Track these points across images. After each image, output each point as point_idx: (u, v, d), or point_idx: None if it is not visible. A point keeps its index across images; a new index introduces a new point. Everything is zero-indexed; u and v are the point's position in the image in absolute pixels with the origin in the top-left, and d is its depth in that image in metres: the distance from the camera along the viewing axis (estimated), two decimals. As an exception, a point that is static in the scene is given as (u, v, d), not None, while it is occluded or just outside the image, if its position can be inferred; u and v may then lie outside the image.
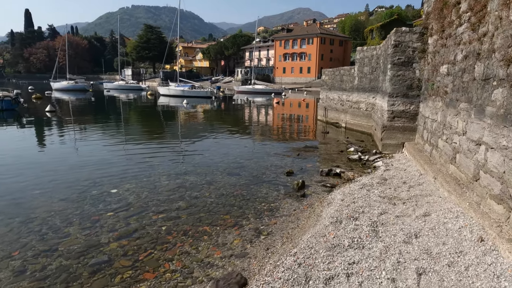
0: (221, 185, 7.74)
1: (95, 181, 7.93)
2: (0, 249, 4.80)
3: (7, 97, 23.31)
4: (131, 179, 8.18)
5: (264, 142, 13.73)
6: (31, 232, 5.32)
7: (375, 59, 14.22)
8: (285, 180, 8.16)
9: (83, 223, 5.67)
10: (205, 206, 6.48)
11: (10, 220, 5.72)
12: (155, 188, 7.50)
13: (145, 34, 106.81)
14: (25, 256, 4.64)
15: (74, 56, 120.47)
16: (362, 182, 7.43)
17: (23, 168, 9.08)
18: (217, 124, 20.55)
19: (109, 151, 11.48)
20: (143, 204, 6.56)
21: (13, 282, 4.09)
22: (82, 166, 9.26)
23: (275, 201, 6.73)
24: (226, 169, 9.11)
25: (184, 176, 8.43)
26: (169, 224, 5.66)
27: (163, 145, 12.74)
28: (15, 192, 7.14)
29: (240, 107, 34.21)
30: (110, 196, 6.97)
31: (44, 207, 6.31)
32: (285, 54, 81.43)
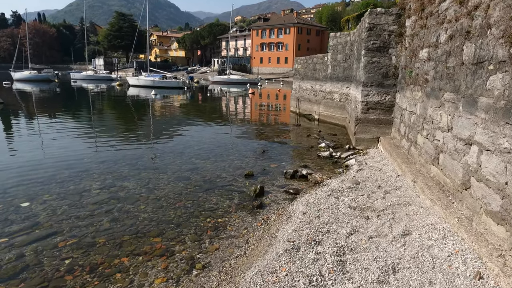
0: (163, 194, 6.41)
1: (5, 191, 6.42)
2: None
3: None
4: (54, 186, 6.71)
5: (228, 137, 12.43)
6: None
7: (349, 46, 13.12)
8: (242, 185, 6.93)
9: (-39, 255, 4.24)
10: (134, 224, 5.15)
11: None
12: (79, 200, 6.09)
13: (116, 22, 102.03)
14: None
15: (41, 44, 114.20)
16: (331, 187, 6.28)
17: None
18: (183, 116, 19.03)
19: (43, 148, 9.88)
20: (54, 223, 5.15)
21: None
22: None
23: (224, 215, 5.48)
24: (175, 172, 7.77)
25: (122, 182, 7.03)
26: (77, 255, 4.30)
27: (108, 141, 11.21)
28: None
29: (213, 98, 32.63)
30: (17, 213, 5.51)
31: None
32: (262, 44, 79.76)
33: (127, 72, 70.34)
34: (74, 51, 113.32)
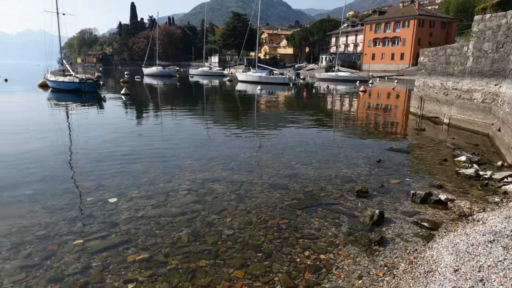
0: (254, 205, 5.33)
1: (101, 182, 6.24)
2: None
3: (89, 80, 24.24)
4: (145, 182, 6.30)
5: (335, 138, 10.82)
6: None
7: (505, 31, 10.04)
8: (352, 205, 5.38)
9: (36, 253, 3.87)
10: (214, 244, 4.17)
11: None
12: (164, 201, 5.45)
13: (232, 21, 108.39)
14: None
15: (168, 44, 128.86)
16: (490, 227, 4.25)
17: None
18: (287, 113, 18.03)
19: (150, 139, 9.96)
20: (131, 228, 4.54)
21: None
22: (103, 158, 7.77)
23: (328, 249, 4.07)
24: (272, 178, 6.65)
25: (212, 184, 6.23)
26: (142, 278, 3.49)
27: (209, 135, 10.80)
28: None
29: (319, 95, 30.98)
30: (102, 209, 5.13)
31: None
32: (375, 39, 73.85)
33: (237, 68, 73.68)
34: (195, 49, 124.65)
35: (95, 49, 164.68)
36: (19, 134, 10.63)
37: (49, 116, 15.21)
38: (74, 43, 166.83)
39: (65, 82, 24.51)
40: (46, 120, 13.96)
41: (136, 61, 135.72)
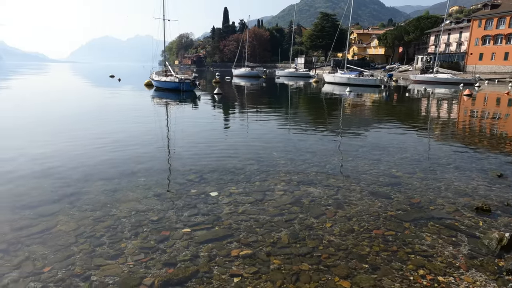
0: (354, 213, 5.04)
1: (203, 176, 6.62)
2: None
3: (187, 80, 26.29)
4: (242, 179, 6.48)
5: (441, 147, 9.74)
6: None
7: None
8: (472, 223, 4.71)
9: (151, 236, 4.24)
10: (316, 249, 4.03)
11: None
12: (262, 200, 5.52)
13: (320, 22, 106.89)
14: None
15: (257, 46, 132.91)
16: None
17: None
18: (380, 117, 16.96)
19: (242, 136, 10.30)
20: (233, 223, 4.68)
21: None
22: (202, 152, 8.25)
23: (447, 271, 3.60)
24: (371, 185, 6.25)
25: (307, 187, 6.11)
26: (247, 274, 3.54)
27: (298, 135, 10.67)
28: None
29: (415, 98, 28.53)
30: (205, 202, 5.41)
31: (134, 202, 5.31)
32: (484, 36, 65.06)
33: (324, 70, 72.33)
34: (281, 51, 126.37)
35: (190, 52, 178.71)
36: (128, 125, 12.00)
37: (152, 111, 16.90)
38: (173, 47, 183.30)
39: (166, 81, 27.02)
40: (151, 114, 15.53)
41: (226, 62, 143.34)
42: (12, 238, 4.19)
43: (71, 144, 9.13)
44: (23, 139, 9.73)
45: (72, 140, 9.62)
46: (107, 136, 10.20)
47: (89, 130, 11.36)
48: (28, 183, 6.08)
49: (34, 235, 4.28)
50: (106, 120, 13.61)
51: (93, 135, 10.39)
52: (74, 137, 10.07)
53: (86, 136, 10.26)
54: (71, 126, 12.19)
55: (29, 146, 8.83)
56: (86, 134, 10.61)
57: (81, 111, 16.65)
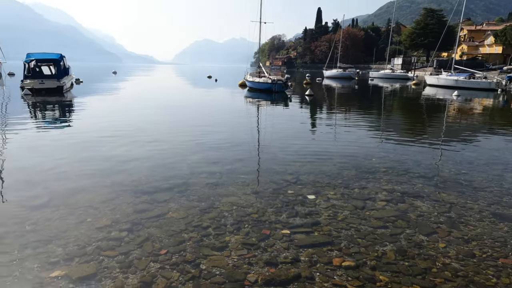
0: (473, 235, 4.41)
1: (298, 178, 6.59)
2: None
3: (279, 81, 26.69)
4: (340, 184, 6.25)
5: None
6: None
7: None
8: None
9: (253, 234, 4.37)
10: (427, 271, 3.63)
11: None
12: (362, 209, 5.24)
13: (423, 19, 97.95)
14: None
15: (350, 47, 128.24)
16: None
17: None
18: (497, 125, 14.70)
19: (335, 139, 9.97)
20: (333, 230, 4.52)
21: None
22: (295, 153, 8.22)
23: None
24: (492, 205, 5.41)
25: (413, 200, 5.59)
26: (353, 287, 3.36)
27: (397, 142, 9.85)
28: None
29: (542, 106, 24.07)
30: (303, 204, 5.37)
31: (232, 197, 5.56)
32: None
33: (425, 71, 66.08)
34: (376, 51, 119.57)
35: (281, 53, 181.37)
36: (224, 122, 12.67)
37: (246, 110, 17.57)
38: (265, 48, 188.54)
39: (260, 82, 27.84)
40: (244, 113, 16.16)
41: (316, 63, 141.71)
42: (134, 219, 4.75)
43: (175, 138, 10.03)
44: (137, 132, 11.04)
45: (176, 134, 10.57)
46: (207, 131, 10.94)
47: (190, 125, 12.34)
48: (144, 171, 6.85)
49: (152, 218, 4.78)
50: (206, 117, 14.64)
51: (193, 130, 11.25)
52: (178, 131, 11.05)
53: (188, 131, 11.17)
54: (176, 122, 13.42)
55: (142, 139, 9.98)
56: (187, 129, 11.55)
57: (184, 109, 18.23)
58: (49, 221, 4.61)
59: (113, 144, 9.11)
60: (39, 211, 4.91)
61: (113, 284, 3.36)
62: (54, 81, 22.83)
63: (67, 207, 5.07)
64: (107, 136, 10.09)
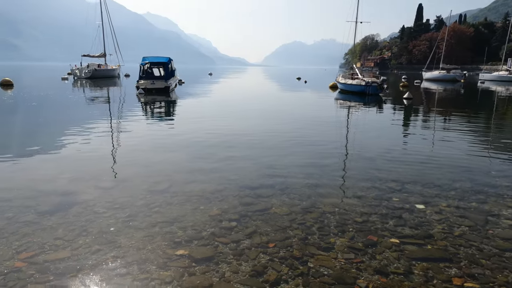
0: None
1: (404, 185, 6.19)
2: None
3: (374, 83, 25.42)
4: (452, 196, 5.68)
5: None
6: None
7: None
8: None
9: (358, 238, 4.27)
10: None
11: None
12: (484, 227, 4.67)
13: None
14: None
15: (454, 45, 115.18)
16: None
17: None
18: None
19: (445, 148, 9.06)
20: (449, 246, 4.14)
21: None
22: (395, 159, 7.71)
23: None
24: None
25: (550, 222, 4.78)
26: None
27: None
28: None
29: None
30: (411, 213, 5.04)
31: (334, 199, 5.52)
32: None
33: (554, 73, 55.56)
34: (489, 50, 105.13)
35: (374, 54, 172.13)
36: (315, 124, 12.56)
37: (337, 113, 17.15)
38: (356, 49, 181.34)
39: (352, 84, 26.91)
40: (338, 115, 15.80)
41: (413, 64, 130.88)
42: (241, 211, 5.06)
43: (269, 137, 10.33)
44: (234, 130, 11.68)
45: (270, 134, 10.89)
46: (299, 133, 11.01)
47: (283, 126, 12.58)
48: (246, 167, 7.23)
49: (257, 212, 5.03)
50: (297, 118, 14.74)
51: (286, 131, 11.43)
52: (272, 131, 11.36)
53: (281, 131, 11.41)
54: (269, 122, 13.81)
55: (239, 137, 10.52)
56: (280, 129, 11.79)
57: (276, 109, 18.66)
58: (170, 206, 5.21)
59: (214, 140, 9.82)
60: (161, 196, 5.57)
61: (229, 268, 3.63)
62: (162, 82, 25.59)
63: (184, 194, 5.65)
64: (208, 133, 10.91)
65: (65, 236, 4.25)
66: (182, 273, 3.54)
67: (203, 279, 3.44)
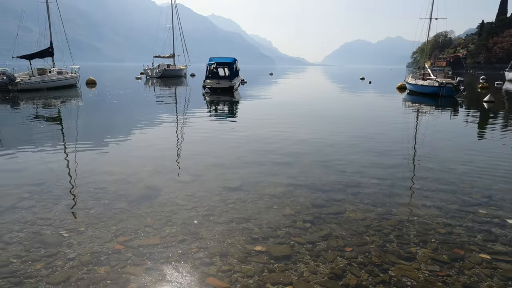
0: None
1: (491, 197, 5.69)
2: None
3: (449, 84, 23.56)
4: (553, 214, 5.09)
5: None
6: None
7: None
8: None
9: (443, 250, 4.04)
10: None
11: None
12: None
13: None
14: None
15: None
16: None
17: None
18: None
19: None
20: (553, 267, 3.72)
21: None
22: (484, 173, 7.07)
23: None
24: None
25: None
26: None
27: None
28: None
29: None
30: (502, 228, 4.62)
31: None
32: None
33: None
34: None
35: (447, 52, 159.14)
36: (381, 126, 11.99)
37: (410, 115, 16.19)
38: (426, 48, 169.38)
39: (423, 85, 25.23)
40: (408, 118, 14.93)
41: (493, 64, 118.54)
42: (314, 212, 5.07)
43: (335, 138, 10.14)
44: (297, 129, 11.66)
45: (335, 135, 10.68)
46: (367, 135, 10.64)
47: (347, 126, 12.24)
48: (314, 168, 7.21)
49: (330, 215, 5.01)
50: (361, 119, 14.24)
51: (352, 132, 11.11)
52: (337, 132, 11.12)
53: (347, 132, 11.12)
54: (333, 121, 13.54)
55: (304, 137, 10.49)
56: (346, 130, 11.48)
57: (340, 109, 18.23)
58: (244, 203, 5.41)
59: (280, 141, 9.92)
60: (235, 193, 5.81)
61: (307, 268, 3.69)
62: (227, 81, 26.46)
63: (256, 193, 5.83)
64: (273, 133, 11.05)
65: (153, 224, 4.65)
66: (262, 269, 3.67)
67: (282, 276, 3.54)
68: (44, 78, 26.60)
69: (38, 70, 27.54)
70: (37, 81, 25.88)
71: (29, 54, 27.82)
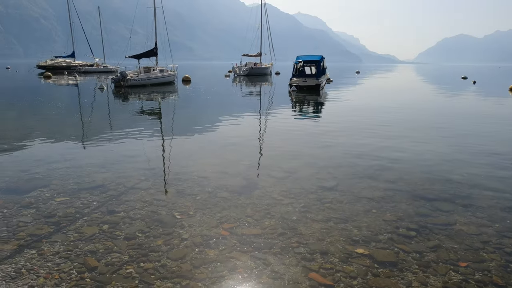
0: None
1: None
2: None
3: None
4: None
5: None
6: (499, 249, 4.03)
7: None
8: None
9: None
10: None
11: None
12: None
13: None
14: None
15: None
16: None
17: None
18: None
19: None
20: None
21: None
22: None
23: None
24: None
25: None
26: None
27: None
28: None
29: None
30: None
31: None
32: None
33: None
34: None
35: None
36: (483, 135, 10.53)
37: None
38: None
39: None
40: None
41: None
42: (419, 221, 4.75)
43: (438, 140, 9.27)
44: (388, 130, 10.97)
45: (437, 137, 9.76)
46: (473, 140, 9.49)
47: (452, 130, 11.07)
48: (415, 173, 6.73)
49: (438, 225, 4.63)
50: (468, 122, 12.76)
51: (454, 135, 10.02)
52: (439, 134, 10.15)
53: (448, 134, 10.07)
54: (433, 123, 12.40)
55: (397, 138, 9.82)
56: (447, 133, 10.40)
57: (442, 110, 16.62)
58: (341, 204, 5.33)
59: (374, 142, 9.48)
60: (330, 192, 5.76)
61: (415, 278, 3.48)
62: (314, 79, 26.23)
63: (352, 194, 5.69)
64: (365, 134, 10.60)
65: (254, 215, 4.89)
66: (366, 272, 3.58)
67: (389, 283, 3.41)
68: (149, 75, 29.89)
69: (144, 68, 31.03)
70: (143, 78, 29.21)
71: (137, 54, 31.47)
